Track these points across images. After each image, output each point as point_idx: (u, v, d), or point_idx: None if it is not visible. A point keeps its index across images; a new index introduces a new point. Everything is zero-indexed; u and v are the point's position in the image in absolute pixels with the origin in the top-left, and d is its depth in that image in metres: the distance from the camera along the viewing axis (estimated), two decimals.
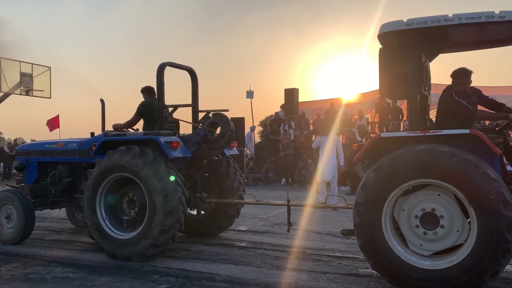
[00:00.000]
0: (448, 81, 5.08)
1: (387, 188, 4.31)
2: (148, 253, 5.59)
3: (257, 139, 21.55)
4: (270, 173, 17.19)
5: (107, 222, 5.92)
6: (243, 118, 21.00)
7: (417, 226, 4.30)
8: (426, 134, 4.36)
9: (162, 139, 5.71)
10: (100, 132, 6.91)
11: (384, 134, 4.69)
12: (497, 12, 4.13)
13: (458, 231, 4.16)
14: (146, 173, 5.56)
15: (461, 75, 4.87)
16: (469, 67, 4.96)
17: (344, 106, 18.48)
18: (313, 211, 8.61)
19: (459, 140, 4.22)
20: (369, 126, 17.23)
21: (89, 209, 5.95)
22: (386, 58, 4.72)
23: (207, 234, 7.01)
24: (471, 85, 5.06)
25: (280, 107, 20.53)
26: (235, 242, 6.74)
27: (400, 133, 4.87)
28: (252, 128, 20.27)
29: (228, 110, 6.42)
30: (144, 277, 5.04)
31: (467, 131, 4.17)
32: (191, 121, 6.64)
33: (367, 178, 4.44)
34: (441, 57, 5.55)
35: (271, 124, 19.75)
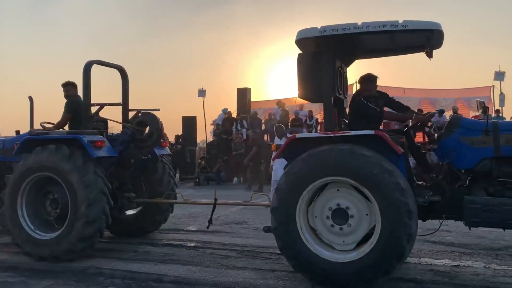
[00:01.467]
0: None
1: (291, 204, 4.51)
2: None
3: (209, 138, 21.40)
4: (222, 173, 17.13)
5: (37, 231, 5.75)
6: (195, 117, 20.88)
7: (332, 226, 4.48)
8: (336, 134, 4.58)
9: (86, 138, 5.62)
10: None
11: (299, 135, 4.84)
12: (401, 21, 4.38)
13: (367, 214, 4.38)
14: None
15: (367, 81, 5.15)
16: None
17: (296, 107, 18.74)
18: (265, 209, 8.65)
19: (365, 140, 4.45)
20: (319, 126, 17.57)
21: (14, 226, 5.76)
22: (304, 63, 4.92)
23: (135, 234, 6.90)
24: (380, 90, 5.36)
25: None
26: (184, 242, 6.66)
27: (313, 134, 5.09)
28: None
29: (159, 110, 6.42)
30: (88, 279, 4.88)
31: (372, 132, 4.41)
32: (120, 121, 6.56)
33: (272, 206, 4.65)
34: (386, 60, 5.78)
35: (224, 123, 19.68)
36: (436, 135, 4.95)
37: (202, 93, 21.26)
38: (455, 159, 4.65)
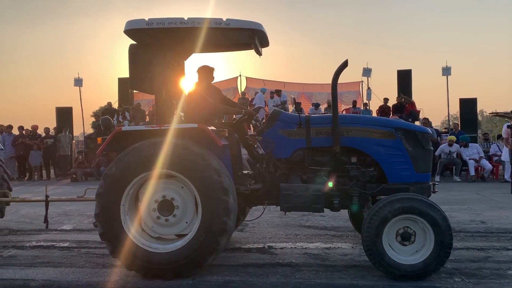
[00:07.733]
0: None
1: (114, 209, 4.47)
2: None
3: (89, 130, 20.13)
4: (102, 167, 16.23)
5: None
6: (71, 108, 19.52)
7: (166, 220, 4.55)
8: (162, 128, 4.64)
9: None
10: None
11: (124, 128, 4.83)
12: (224, 19, 4.60)
13: (183, 187, 4.54)
14: None
15: (206, 70, 5.30)
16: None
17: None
18: None
19: (191, 134, 4.60)
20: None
21: None
22: (135, 53, 4.91)
23: None
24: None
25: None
26: (56, 242, 6.19)
27: (138, 127, 5.19)
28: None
29: None
30: None
31: (195, 125, 4.59)
32: None
33: (95, 212, 4.54)
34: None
35: (103, 115, 18.67)
36: (260, 127, 5.23)
37: (78, 82, 19.91)
38: (274, 149, 4.98)
